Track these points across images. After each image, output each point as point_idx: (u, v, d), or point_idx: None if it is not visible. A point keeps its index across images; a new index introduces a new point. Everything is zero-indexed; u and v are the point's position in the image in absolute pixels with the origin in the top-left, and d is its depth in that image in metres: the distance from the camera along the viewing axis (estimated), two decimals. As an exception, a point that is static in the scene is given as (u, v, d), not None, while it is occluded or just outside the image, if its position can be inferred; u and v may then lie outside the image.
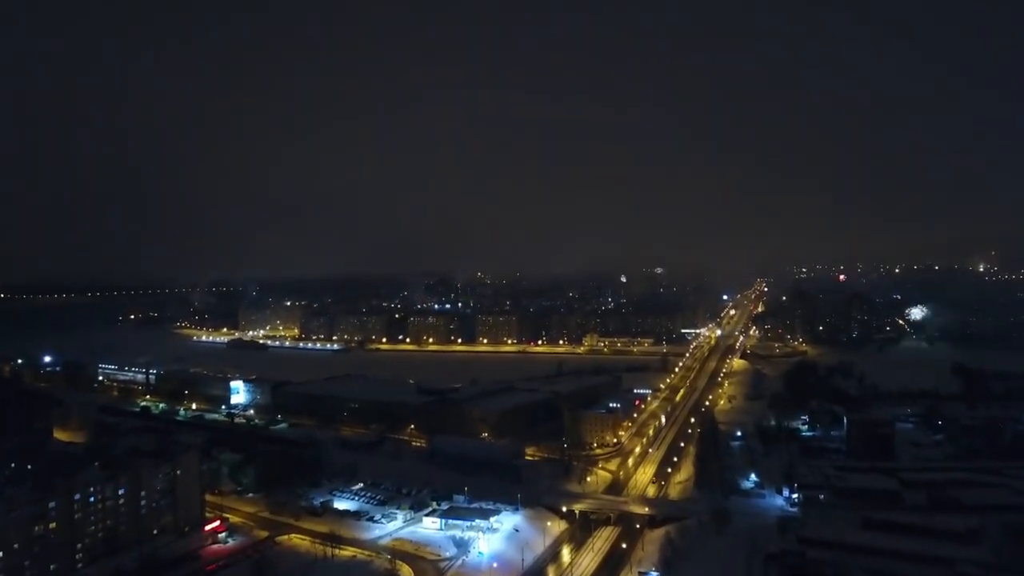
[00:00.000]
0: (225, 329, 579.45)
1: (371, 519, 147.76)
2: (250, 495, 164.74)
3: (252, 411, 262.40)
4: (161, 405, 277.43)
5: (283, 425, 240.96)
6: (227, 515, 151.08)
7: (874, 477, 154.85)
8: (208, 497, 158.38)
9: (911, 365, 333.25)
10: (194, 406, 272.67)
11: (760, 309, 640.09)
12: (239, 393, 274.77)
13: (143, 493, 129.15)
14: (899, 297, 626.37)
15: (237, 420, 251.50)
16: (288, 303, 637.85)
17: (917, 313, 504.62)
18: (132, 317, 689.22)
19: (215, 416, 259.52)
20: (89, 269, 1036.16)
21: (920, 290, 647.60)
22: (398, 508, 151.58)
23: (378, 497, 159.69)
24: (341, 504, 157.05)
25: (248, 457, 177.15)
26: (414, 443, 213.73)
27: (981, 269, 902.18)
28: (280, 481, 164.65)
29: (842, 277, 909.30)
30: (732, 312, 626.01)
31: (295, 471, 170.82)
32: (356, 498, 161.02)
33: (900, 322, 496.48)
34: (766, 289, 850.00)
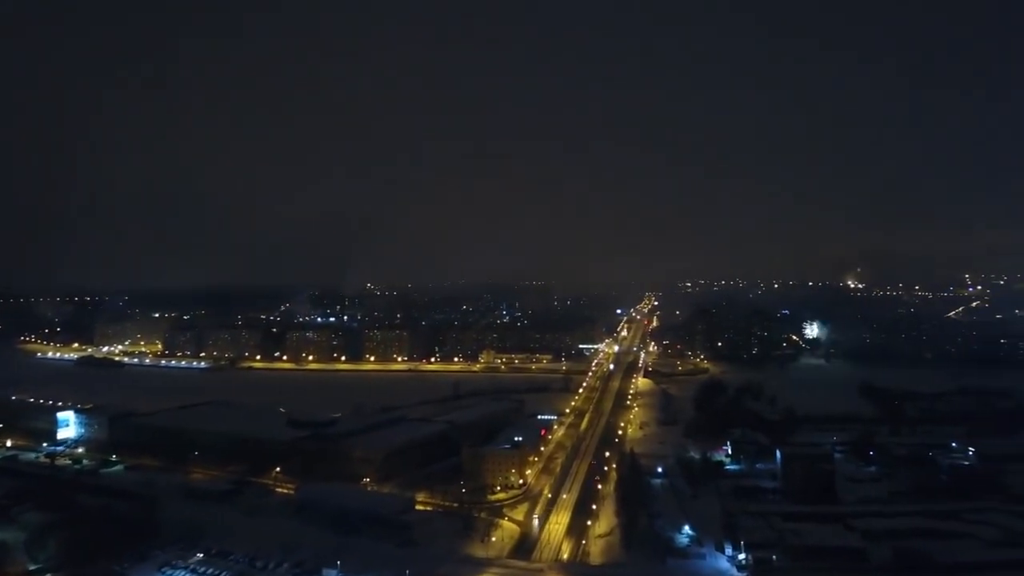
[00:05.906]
0: (78, 344, 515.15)
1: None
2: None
3: (83, 449, 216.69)
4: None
5: (119, 467, 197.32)
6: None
7: (832, 530, 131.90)
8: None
9: (816, 384, 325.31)
10: (9, 443, 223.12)
11: (655, 324, 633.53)
12: (69, 426, 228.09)
13: None
14: (788, 312, 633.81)
15: (60, 462, 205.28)
16: (155, 315, 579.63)
17: (812, 329, 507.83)
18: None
19: (34, 456, 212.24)
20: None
21: (806, 306, 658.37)
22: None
23: (223, 575, 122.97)
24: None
25: (55, 520, 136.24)
26: (280, 489, 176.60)
27: (851, 286, 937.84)
28: (94, 554, 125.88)
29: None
30: (627, 328, 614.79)
31: (118, 538, 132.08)
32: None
33: (795, 338, 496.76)
34: (656, 304, 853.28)
